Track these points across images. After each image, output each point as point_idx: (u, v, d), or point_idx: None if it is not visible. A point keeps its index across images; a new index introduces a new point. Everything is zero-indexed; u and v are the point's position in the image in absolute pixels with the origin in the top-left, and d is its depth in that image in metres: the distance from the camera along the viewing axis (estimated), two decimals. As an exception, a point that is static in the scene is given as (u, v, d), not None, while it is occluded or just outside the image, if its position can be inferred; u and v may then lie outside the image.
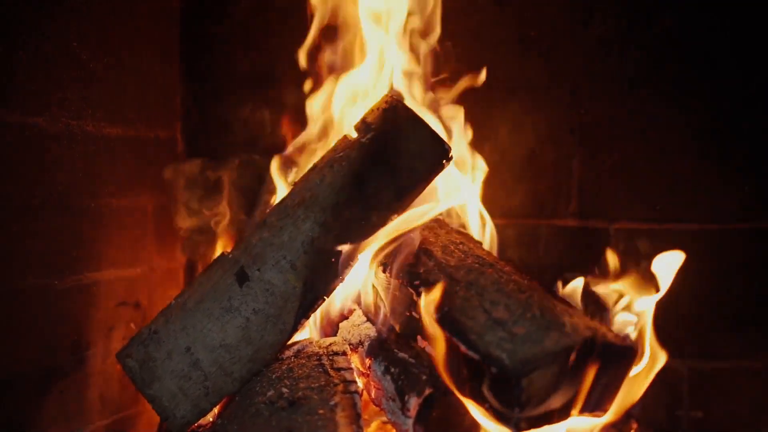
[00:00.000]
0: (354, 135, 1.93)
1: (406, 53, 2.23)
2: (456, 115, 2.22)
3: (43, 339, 2.01)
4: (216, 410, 1.89)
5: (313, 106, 2.30)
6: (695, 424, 2.41)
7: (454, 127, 2.21)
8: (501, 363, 1.60)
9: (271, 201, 2.31)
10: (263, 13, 2.63)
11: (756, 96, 2.37)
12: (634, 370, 1.81)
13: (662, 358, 1.87)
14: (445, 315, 1.75)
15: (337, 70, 2.29)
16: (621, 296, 1.97)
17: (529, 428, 1.64)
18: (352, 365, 1.87)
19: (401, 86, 2.20)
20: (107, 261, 2.22)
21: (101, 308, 2.20)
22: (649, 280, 1.96)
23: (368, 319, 2.04)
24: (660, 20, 2.41)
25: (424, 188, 1.92)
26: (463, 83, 2.27)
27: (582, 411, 1.70)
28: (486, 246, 2.18)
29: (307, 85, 2.37)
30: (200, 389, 1.83)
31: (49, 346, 2.03)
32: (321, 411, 1.62)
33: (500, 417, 1.63)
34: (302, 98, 2.35)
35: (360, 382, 1.93)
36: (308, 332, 2.14)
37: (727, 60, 2.37)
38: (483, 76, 2.29)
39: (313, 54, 2.36)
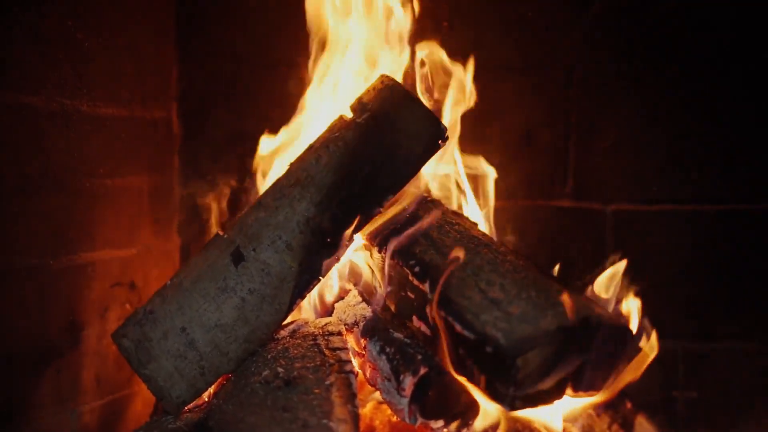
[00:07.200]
0: (350, 115, 1.93)
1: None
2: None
3: (38, 319, 2.01)
4: (212, 390, 1.89)
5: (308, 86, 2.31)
6: (690, 405, 2.42)
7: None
8: (496, 342, 1.61)
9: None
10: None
11: (751, 78, 2.37)
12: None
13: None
14: (440, 295, 1.76)
15: (330, 51, 2.29)
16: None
17: (524, 407, 1.65)
18: (348, 345, 1.87)
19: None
20: (102, 241, 2.22)
21: (96, 288, 2.20)
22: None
23: (363, 300, 2.04)
24: (659, 1, 2.40)
25: (420, 168, 1.92)
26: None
27: (576, 390, 1.70)
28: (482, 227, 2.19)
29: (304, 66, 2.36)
30: (196, 369, 1.83)
31: (44, 326, 2.03)
32: (316, 390, 1.63)
33: (495, 396, 1.64)
34: (299, 79, 2.35)
35: (355, 362, 1.93)
36: (304, 312, 2.15)
37: (726, 42, 2.37)
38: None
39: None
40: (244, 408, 1.65)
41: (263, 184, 2.29)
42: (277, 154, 2.30)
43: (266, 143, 2.32)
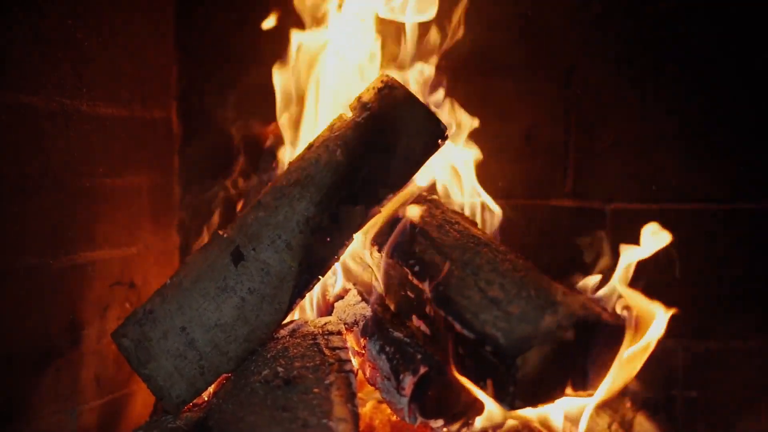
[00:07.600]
0: (349, 114, 1.93)
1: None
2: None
3: (38, 319, 2.01)
4: (211, 389, 1.90)
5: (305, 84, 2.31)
6: (690, 404, 2.42)
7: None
8: (496, 342, 1.61)
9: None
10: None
11: (752, 77, 2.37)
12: (630, 350, 1.82)
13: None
14: (440, 294, 1.76)
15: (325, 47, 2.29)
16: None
17: (523, 406, 1.65)
18: (347, 344, 1.87)
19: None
20: (102, 241, 2.22)
21: (96, 288, 2.20)
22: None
23: (363, 299, 2.04)
24: (659, 1, 2.40)
25: (420, 167, 1.92)
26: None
27: (576, 389, 1.70)
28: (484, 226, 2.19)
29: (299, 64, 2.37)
30: (196, 369, 1.83)
31: (44, 326, 2.03)
32: (316, 390, 1.63)
33: (495, 395, 1.64)
34: (296, 77, 2.35)
35: (355, 362, 1.93)
36: (303, 312, 2.15)
37: (726, 42, 2.37)
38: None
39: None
40: (244, 407, 1.65)
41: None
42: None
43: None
